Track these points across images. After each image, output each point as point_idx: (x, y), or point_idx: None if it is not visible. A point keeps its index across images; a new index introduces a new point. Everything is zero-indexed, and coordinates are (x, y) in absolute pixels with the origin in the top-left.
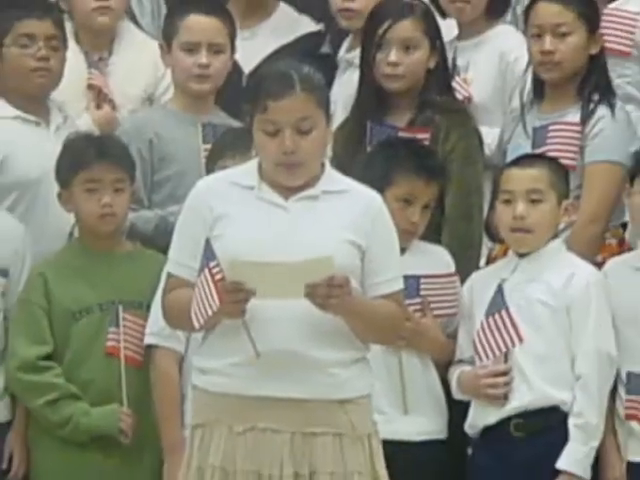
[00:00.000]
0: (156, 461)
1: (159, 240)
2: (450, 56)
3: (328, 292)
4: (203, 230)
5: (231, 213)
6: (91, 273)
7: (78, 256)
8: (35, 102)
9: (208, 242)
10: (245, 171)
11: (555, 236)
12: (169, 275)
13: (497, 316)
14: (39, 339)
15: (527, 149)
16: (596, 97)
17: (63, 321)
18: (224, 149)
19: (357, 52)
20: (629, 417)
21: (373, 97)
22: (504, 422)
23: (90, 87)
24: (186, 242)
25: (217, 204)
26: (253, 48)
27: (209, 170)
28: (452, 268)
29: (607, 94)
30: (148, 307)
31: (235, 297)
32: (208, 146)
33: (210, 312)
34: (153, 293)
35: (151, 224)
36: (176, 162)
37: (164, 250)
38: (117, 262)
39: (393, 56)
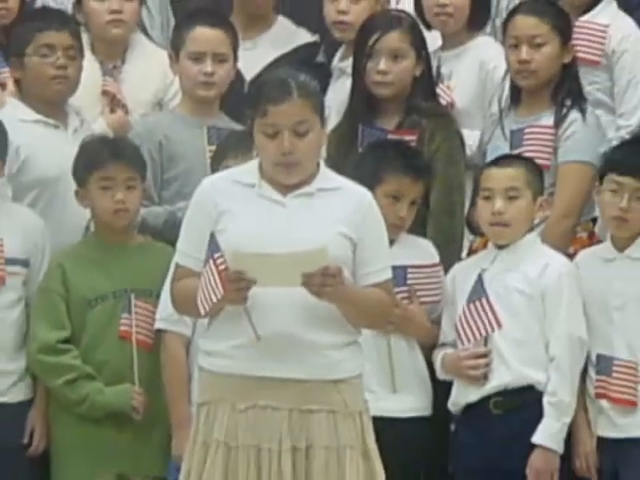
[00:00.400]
0: (165, 436)
1: (168, 233)
2: (434, 65)
3: (323, 281)
4: (208, 224)
5: (234, 209)
6: (106, 264)
7: (94, 248)
8: (54, 107)
9: (213, 235)
10: (247, 170)
11: (531, 230)
12: (177, 265)
13: (477, 303)
14: (58, 324)
15: (505, 150)
16: (568, 102)
17: (80, 308)
18: (227, 150)
19: (349, 61)
20: (599, 396)
21: (364, 102)
22: (484, 400)
23: (104, 93)
24: (193, 235)
25: (221, 201)
26: (254, 57)
27: (214, 169)
28: (436, 259)
29: (578, 100)
30: (158, 295)
31: (237, 285)
32: (213, 147)
33: (215, 299)
34: (162, 282)
35: (161, 219)
36: (183, 162)
37: (172, 243)
38: (129, 254)
39: (382, 65)
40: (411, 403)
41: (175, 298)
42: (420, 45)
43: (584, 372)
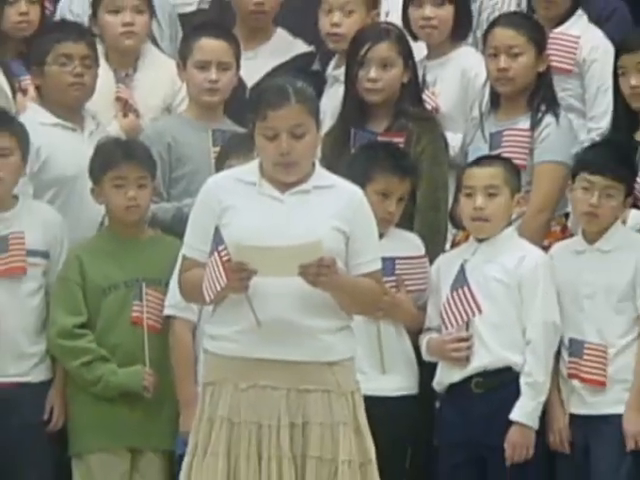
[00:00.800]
0: (174, 413)
1: (176, 228)
2: (420, 73)
3: (318, 271)
4: (213, 219)
5: (236, 205)
6: (119, 255)
7: (108, 241)
8: (72, 111)
9: (217, 229)
10: (248, 169)
11: (509, 224)
12: (184, 257)
13: (460, 291)
14: (75, 310)
15: (485, 151)
16: (543, 107)
17: (95, 295)
18: (230, 151)
19: (342, 69)
20: (571, 376)
21: (356, 107)
22: (466, 380)
23: (118, 99)
24: (199, 229)
25: (225, 197)
26: (255, 66)
27: (218, 169)
28: (422, 251)
29: (552, 105)
30: (167, 284)
31: (240, 275)
32: (217, 149)
33: (219, 288)
34: (171, 272)
35: (169, 214)
36: (190, 162)
37: (180, 236)
38: (141, 246)
39: (373, 73)
40: (399, 383)
41: (183, 287)
42: (407, 55)
43: (558, 354)
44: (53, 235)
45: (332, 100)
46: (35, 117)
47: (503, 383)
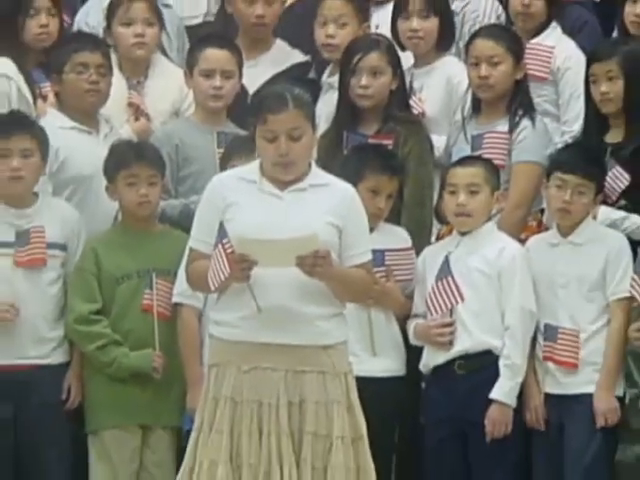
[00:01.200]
0: (181, 392)
1: (183, 222)
2: (408, 80)
3: (314, 262)
4: (217, 215)
5: (239, 201)
6: (131, 247)
7: (121, 234)
8: (88, 116)
9: (221, 224)
10: (250, 169)
11: (489, 219)
12: (191, 249)
13: (444, 281)
14: (91, 298)
15: (467, 152)
16: (520, 112)
17: (109, 284)
18: (233, 152)
19: (336, 77)
20: (546, 359)
21: (348, 112)
22: (450, 362)
23: (130, 104)
24: (204, 224)
25: (228, 195)
26: (256, 74)
27: (222, 168)
28: (410, 244)
29: (529, 110)
30: (175, 274)
31: (242, 266)
32: (221, 150)
33: (223, 277)
34: (179, 263)
35: (177, 210)
36: (196, 162)
37: (187, 230)
38: (152, 239)
39: (364, 80)
40: (388, 365)
41: (189, 276)
42: (396, 63)
43: (534, 339)
44: (70, 229)
45: (327, 105)
46: (54, 121)
47: (484, 365)
